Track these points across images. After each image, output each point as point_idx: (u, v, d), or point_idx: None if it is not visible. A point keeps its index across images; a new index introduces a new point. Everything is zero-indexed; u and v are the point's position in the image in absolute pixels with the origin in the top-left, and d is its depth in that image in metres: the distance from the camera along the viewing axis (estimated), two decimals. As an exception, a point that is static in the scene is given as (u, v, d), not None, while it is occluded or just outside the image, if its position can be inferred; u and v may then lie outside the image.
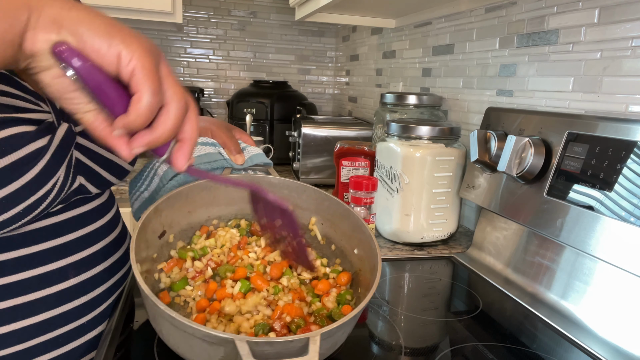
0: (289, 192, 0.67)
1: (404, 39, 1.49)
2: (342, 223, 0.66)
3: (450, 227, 0.98)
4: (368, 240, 0.61)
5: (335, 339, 0.50)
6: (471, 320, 0.68)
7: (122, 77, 0.38)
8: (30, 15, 0.36)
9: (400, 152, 0.93)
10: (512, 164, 0.75)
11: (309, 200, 0.67)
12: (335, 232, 0.66)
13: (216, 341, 0.43)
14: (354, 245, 0.64)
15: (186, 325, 0.42)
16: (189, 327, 0.42)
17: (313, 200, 0.67)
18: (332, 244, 0.67)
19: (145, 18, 1.69)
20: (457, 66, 1.18)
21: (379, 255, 0.57)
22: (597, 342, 0.62)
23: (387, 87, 1.63)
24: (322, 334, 0.44)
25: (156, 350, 0.55)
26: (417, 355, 0.58)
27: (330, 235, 0.67)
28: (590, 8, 0.78)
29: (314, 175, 1.47)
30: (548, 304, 0.71)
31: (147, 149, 0.42)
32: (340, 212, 0.65)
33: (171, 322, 0.44)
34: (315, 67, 2.26)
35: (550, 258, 0.74)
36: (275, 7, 2.14)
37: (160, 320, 0.48)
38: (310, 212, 0.68)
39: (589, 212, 0.65)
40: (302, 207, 0.68)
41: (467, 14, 1.13)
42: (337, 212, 0.66)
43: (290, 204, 0.64)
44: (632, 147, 0.61)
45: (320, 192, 0.67)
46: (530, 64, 0.92)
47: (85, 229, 0.59)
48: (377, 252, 0.57)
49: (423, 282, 0.81)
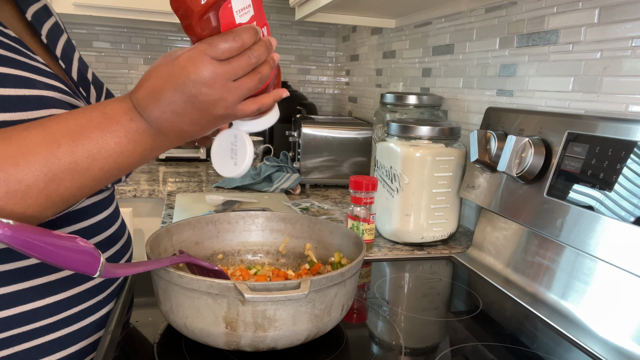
0: (284, 225, 0.75)
1: (404, 39, 1.49)
2: (332, 239, 0.71)
3: (450, 227, 0.98)
4: (353, 237, 0.66)
5: (328, 297, 0.53)
6: (471, 320, 0.68)
7: None
8: None
9: (400, 152, 0.93)
10: (512, 164, 0.75)
11: (303, 228, 0.74)
12: (328, 252, 0.71)
13: (219, 290, 0.49)
14: (345, 253, 0.69)
15: (193, 280, 0.50)
16: (195, 281, 0.50)
17: (306, 228, 0.74)
18: (326, 263, 0.72)
19: (145, 18, 1.69)
20: (457, 66, 1.18)
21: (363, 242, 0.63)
22: (597, 342, 0.62)
23: (387, 87, 1.63)
24: (312, 280, 0.50)
25: (156, 350, 0.55)
26: (417, 355, 0.58)
27: (324, 256, 0.72)
28: (590, 8, 0.78)
29: (313, 175, 1.47)
30: (548, 304, 0.71)
31: None
32: (329, 230, 0.72)
33: (179, 283, 0.51)
34: (315, 67, 2.26)
35: (550, 258, 0.74)
36: (275, 7, 2.14)
37: (170, 292, 0.53)
38: (305, 239, 0.74)
39: (589, 212, 0.65)
40: (297, 235, 0.74)
41: (467, 14, 1.13)
42: (326, 230, 0.72)
43: (286, 236, 0.74)
44: (632, 147, 0.61)
45: (311, 218, 0.74)
46: (530, 64, 0.92)
47: (87, 221, 0.60)
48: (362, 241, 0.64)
49: (423, 282, 0.81)
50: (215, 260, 0.72)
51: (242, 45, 0.46)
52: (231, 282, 0.49)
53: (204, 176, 1.61)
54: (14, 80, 0.49)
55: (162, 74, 0.45)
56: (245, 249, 0.75)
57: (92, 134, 0.44)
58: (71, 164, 0.43)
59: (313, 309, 0.52)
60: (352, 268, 0.56)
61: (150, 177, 1.56)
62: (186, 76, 0.45)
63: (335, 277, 0.53)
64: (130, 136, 0.45)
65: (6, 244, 0.37)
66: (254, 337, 0.51)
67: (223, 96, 0.46)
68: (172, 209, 1.18)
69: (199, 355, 0.55)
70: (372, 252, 0.93)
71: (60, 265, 0.40)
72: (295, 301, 0.50)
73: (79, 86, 0.61)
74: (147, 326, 0.61)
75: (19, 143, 0.42)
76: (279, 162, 1.50)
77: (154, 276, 0.56)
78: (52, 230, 0.41)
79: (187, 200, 1.25)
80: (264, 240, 0.75)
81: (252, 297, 0.48)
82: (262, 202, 1.25)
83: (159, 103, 0.45)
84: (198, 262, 0.58)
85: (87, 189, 0.46)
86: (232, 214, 0.74)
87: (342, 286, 0.55)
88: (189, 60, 0.45)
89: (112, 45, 2.03)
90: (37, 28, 0.58)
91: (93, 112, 0.45)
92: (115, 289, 0.66)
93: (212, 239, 0.73)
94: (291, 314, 0.51)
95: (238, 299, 0.49)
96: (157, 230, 0.64)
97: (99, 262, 0.42)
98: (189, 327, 0.53)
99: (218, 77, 0.45)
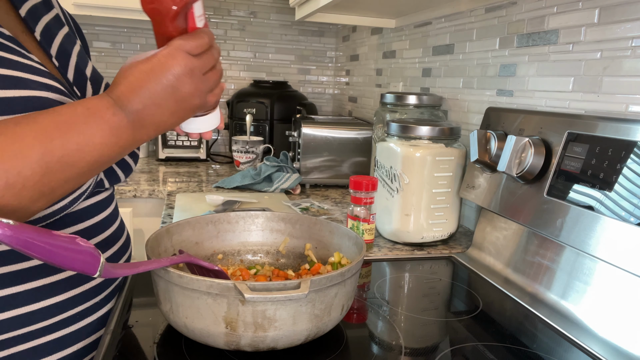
0: (284, 225, 0.75)
1: (404, 39, 1.49)
2: (332, 239, 0.71)
3: (450, 227, 0.98)
4: (353, 237, 0.66)
5: (328, 297, 0.53)
6: (471, 320, 0.68)
7: None
8: None
9: (400, 152, 0.93)
10: (512, 164, 0.75)
11: (302, 228, 0.74)
12: (328, 252, 0.71)
13: (219, 290, 0.49)
14: (345, 254, 0.69)
15: (193, 280, 0.50)
16: (195, 281, 0.50)
17: (306, 228, 0.74)
18: (327, 263, 0.71)
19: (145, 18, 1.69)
20: (457, 66, 1.18)
21: (364, 243, 0.63)
22: (597, 342, 0.62)
23: (387, 87, 1.63)
24: (312, 280, 0.50)
25: (156, 350, 0.55)
26: (417, 355, 0.58)
27: (324, 256, 0.72)
28: (590, 8, 0.78)
29: (313, 175, 1.47)
30: (548, 304, 0.71)
31: None
32: (329, 230, 0.72)
33: (179, 283, 0.51)
34: (315, 67, 2.26)
35: (550, 258, 0.74)
36: (275, 7, 2.14)
37: (170, 292, 0.53)
38: (305, 239, 0.74)
39: (589, 212, 0.65)
40: (297, 236, 0.75)
41: (467, 14, 1.13)
42: (326, 230, 0.72)
43: (286, 236, 0.75)
44: (632, 147, 0.61)
45: (311, 218, 0.74)
46: (530, 64, 0.92)
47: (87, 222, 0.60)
48: (362, 241, 0.64)
49: (423, 282, 0.81)
50: (215, 260, 0.72)
51: (209, 42, 0.52)
52: (231, 282, 0.49)
53: (204, 176, 1.61)
54: (8, 80, 0.49)
55: (142, 70, 0.49)
56: (245, 249, 0.75)
57: (80, 127, 0.45)
58: (63, 157, 0.44)
59: (313, 309, 0.52)
60: (352, 268, 0.56)
61: (150, 177, 1.56)
62: (167, 69, 0.49)
63: (335, 277, 0.53)
64: (114, 130, 0.47)
65: (6, 244, 0.37)
66: (254, 337, 0.51)
67: (199, 87, 0.52)
68: (172, 209, 1.18)
69: (198, 355, 0.55)
70: (372, 252, 0.93)
71: (59, 265, 0.40)
72: (295, 301, 0.50)
73: (75, 85, 0.61)
74: (147, 326, 0.61)
75: (14, 137, 0.42)
76: (279, 162, 1.50)
77: (154, 276, 0.56)
78: (52, 231, 0.41)
79: (187, 200, 1.25)
80: (264, 240, 0.75)
81: (252, 297, 0.48)
82: (262, 202, 1.25)
83: (141, 97, 0.48)
84: (198, 262, 0.58)
85: (72, 182, 0.47)
86: (232, 214, 0.74)
87: (342, 286, 0.55)
88: (168, 56, 0.49)
89: (112, 45, 2.03)
90: (31, 25, 0.58)
91: (77, 108, 0.46)
92: (115, 289, 0.66)
93: (212, 239, 0.73)
94: (291, 314, 0.51)
95: (238, 299, 0.49)
96: (157, 230, 0.64)
97: (99, 262, 0.43)
98: (189, 327, 0.53)
99: (195, 69, 0.51)
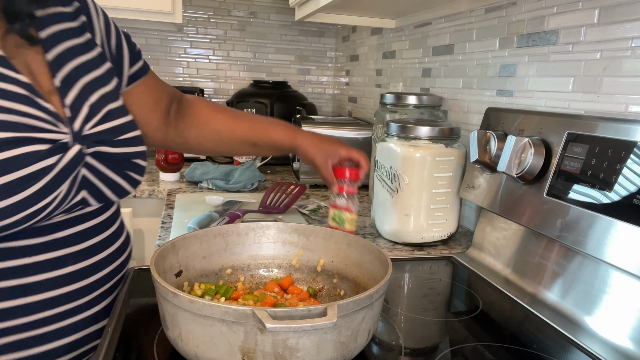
0: (298, 237, 0.71)
1: (403, 39, 1.49)
2: (351, 252, 0.67)
3: (450, 227, 0.98)
4: (375, 251, 0.62)
5: (354, 322, 0.49)
6: (471, 320, 0.68)
7: None
8: None
9: (400, 152, 0.93)
10: (512, 164, 0.75)
11: (317, 240, 0.70)
12: (346, 266, 0.67)
13: (235, 318, 0.45)
14: (365, 269, 0.65)
15: (206, 305, 0.45)
16: (209, 306, 0.45)
17: (321, 240, 0.70)
18: (344, 278, 0.68)
19: (145, 18, 1.69)
20: (457, 66, 1.18)
21: (389, 258, 0.59)
22: (597, 342, 0.62)
23: (387, 88, 1.63)
24: (338, 305, 0.45)
25: (156, 350, 0.55)
26: (417, 356, 0.58)
27: (342, 270, 0.68)
28: (590, 8, 0.78)
29: (313, 175, 1.47)
30: (548, 304, 0.71)
31: None
32: (347, 242, 0.67)
33: (190, 309, 0.46)
34: (315, 67, 2.26)
35: (550, 258, 0.74)
36: (275, 7, 2.14)
37: (179, 318, 0.49)
38: (320, 252, 0.70)
39: (589, 212, 0.65)
40: (311, 248, 0.70)
41: (467, 14, 1.13)
42: (344, 242, 0.68)
43: (299, 249, 0.71)
44: (632, 147, 0.61)
45: (327, 230, 0.70)
46: (530, 64, 0.92)
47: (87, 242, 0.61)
48: (386, 256, 0.59)
49: (423, 282, 0.81)
50: (223, 276, 0.69)
51: None
52: (249, 308, 0.44)
53: (204, 176, 1.60)
54: None
55: None
56: (255, 262, 0.70)
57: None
58: None
59: (339, 336, 0.48)
60: (380, 289, 0.51)
61: (150, 177, 1.56)
62: None
63: (363, 301, 0.48)
64: None
65: None
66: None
67: None
68: (172, 209, 1.18)
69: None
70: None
71: None
72: (320, 329, 0.46)
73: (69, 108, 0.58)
74: (147, 326, 0.61)
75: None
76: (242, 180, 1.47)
77: (161, 299, 0.51)
78: None
79: (187, 201, 1.25)
80: (275, 253, 0.71)
81: (274, 327, 0.42)
82: (262, 202, 1.24)
83: None
84: None
85: None
86: (242, 225, 0.70)
87: (369, 309, 0.51)
88: None
89: (112, 46, 2.03)
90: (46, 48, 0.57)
91: None
92: (114, 284, 0.66)
93: (221, 252, 0.68)
94: (315, 342, 0.46)
95: (257, 327, 0.45)
96: (162, 245, 0.60)
97: None
98: (200, 357, 0.49)
99: None
